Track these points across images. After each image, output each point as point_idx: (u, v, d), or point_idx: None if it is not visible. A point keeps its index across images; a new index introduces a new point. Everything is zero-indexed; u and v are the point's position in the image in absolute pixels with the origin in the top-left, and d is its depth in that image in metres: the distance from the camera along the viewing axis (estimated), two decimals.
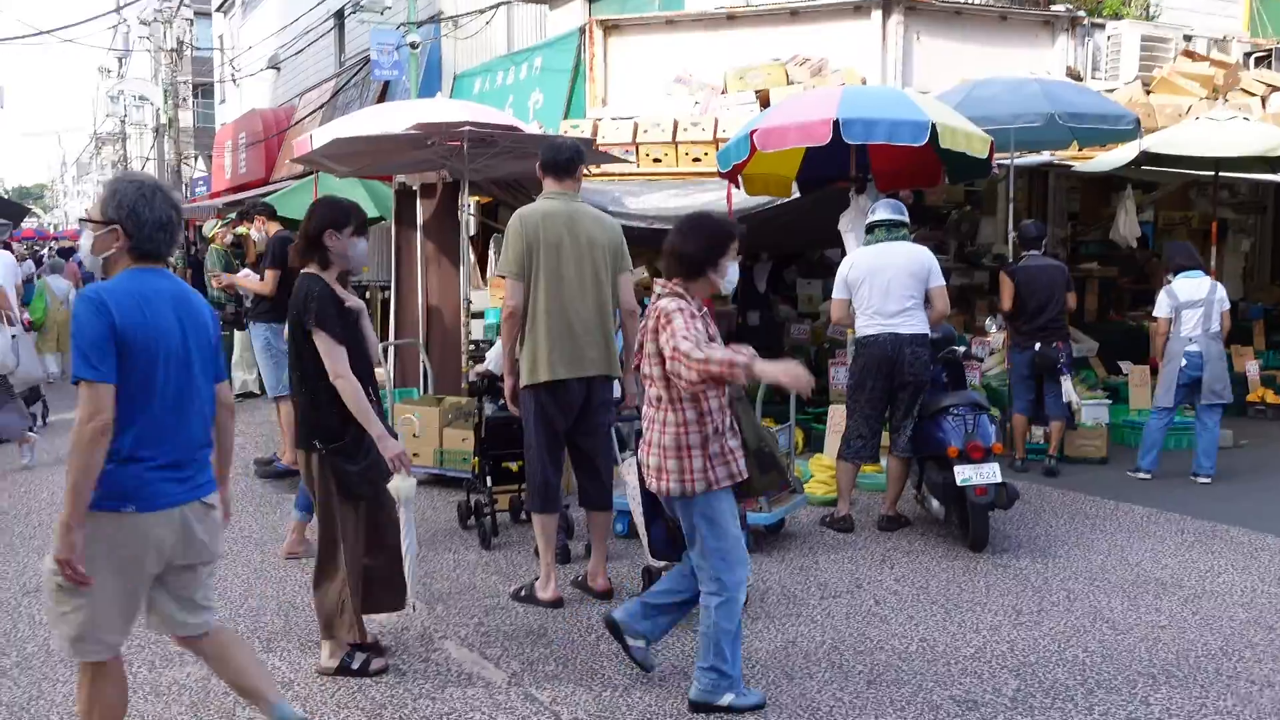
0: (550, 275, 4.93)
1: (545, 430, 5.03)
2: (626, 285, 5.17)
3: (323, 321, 4.10)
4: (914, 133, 6.85)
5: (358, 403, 4.08)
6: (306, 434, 4.24)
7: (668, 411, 3.85)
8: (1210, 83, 12.14)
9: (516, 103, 13.81)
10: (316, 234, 4.24)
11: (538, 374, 4.95)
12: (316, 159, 8.28)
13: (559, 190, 5.09)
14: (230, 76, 27.53)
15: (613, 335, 5.13)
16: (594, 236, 5.04)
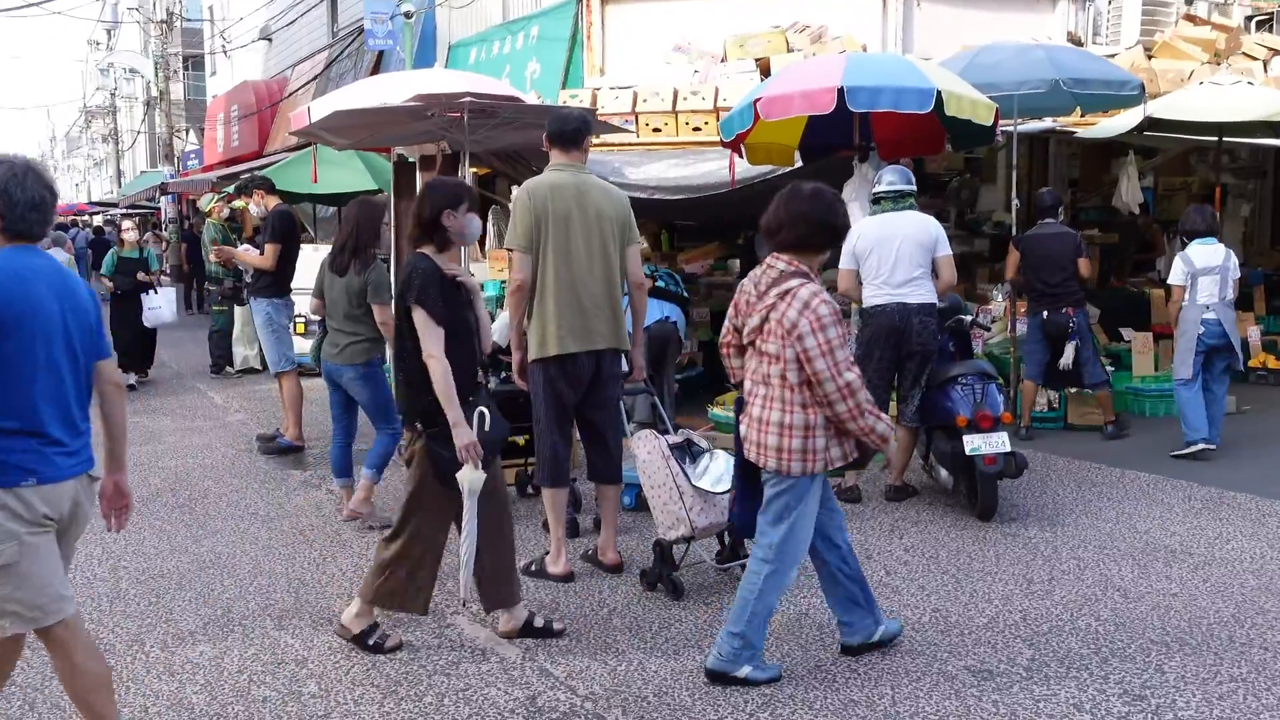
0: (559, 249, 4.89)
1: (554, 404, 5.01)
2: (634, 258, 5.13)
3: (423, 299, 4.05)
4: (919, 100, 6.79)
5: (444, 384, 4.03)
6: (408, 412, 4.24)
7: (793, 391, 3.82)
8: (1212, 47, 12.06)
9: (513, 73, 13.68)
10: (434, 215, 4.18)
11: (547, 348, 4.91)
12: (315, 132, 8.19)
13: (566, 162, 5.04)
14: (221, 48, 27.27)
15: (621, 308, 5.09)
16: (602, 209, 4.99)
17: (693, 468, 4.89)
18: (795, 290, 3.80)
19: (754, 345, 3.94)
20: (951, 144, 8.30)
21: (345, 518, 6.14)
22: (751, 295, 3.95)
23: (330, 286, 6.00)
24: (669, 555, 4.89)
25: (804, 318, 3.74)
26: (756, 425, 3.90)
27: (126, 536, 5.95)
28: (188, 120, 31.60)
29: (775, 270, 3.90)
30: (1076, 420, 8.49)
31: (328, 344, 6.08)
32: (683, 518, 4.78)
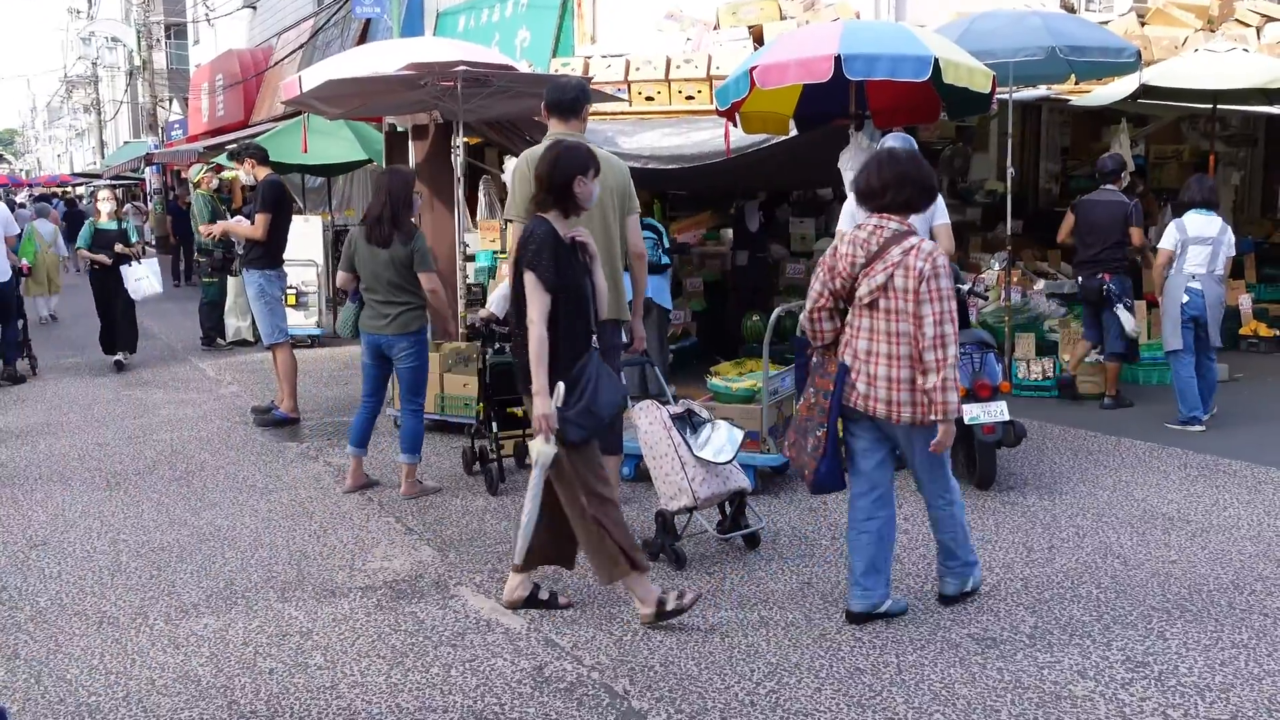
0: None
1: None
2: (634, 227, 5.11)
3: (535, 264, 4.00)
4: (917, 68, 6.74)
5: (538, 351, 3.99)
6: (525, 377, 4.13)
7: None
8: (1205, 13, 12.01)
9: (503, 41, 13.56)
10: (566, 181, 4.11)
11: None
12: (306, 101, 8.10)
13: (565, 131, 4.99)
14: (204, 16, 26.95)
15: (622, 278, 5.07)
16: (602, 178, 4.95)
17: (694, 438, 4.89)
18: (917, 245, 4.01)
19: (874, 305, 4.06)
20: (947, 112, 8.26)
21: (349, 488, 6.15)
22: (859, 257, 4.06)
23: (370, 258, 5.91)
24: (671, 525, 4.91)
25: (927, 264, 3.96)
26: (886, 384, 4.06)
27: (125, 509, 5.94)
28: (171, 90, 31.27)
29: (889, 230, 4.05)
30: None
31: (372, 316, 5.99)
32: (685, 488, 4.79)
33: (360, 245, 5.94)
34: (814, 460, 4.18)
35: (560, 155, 4.17)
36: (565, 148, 4.21)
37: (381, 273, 5.90)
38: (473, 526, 5.55)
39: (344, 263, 6.08)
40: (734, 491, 4.99)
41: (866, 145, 7.71)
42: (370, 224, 5.91)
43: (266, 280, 7.97)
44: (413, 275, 5.91)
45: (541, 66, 11.41)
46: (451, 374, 7.30)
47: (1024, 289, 9.89)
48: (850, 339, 4.17)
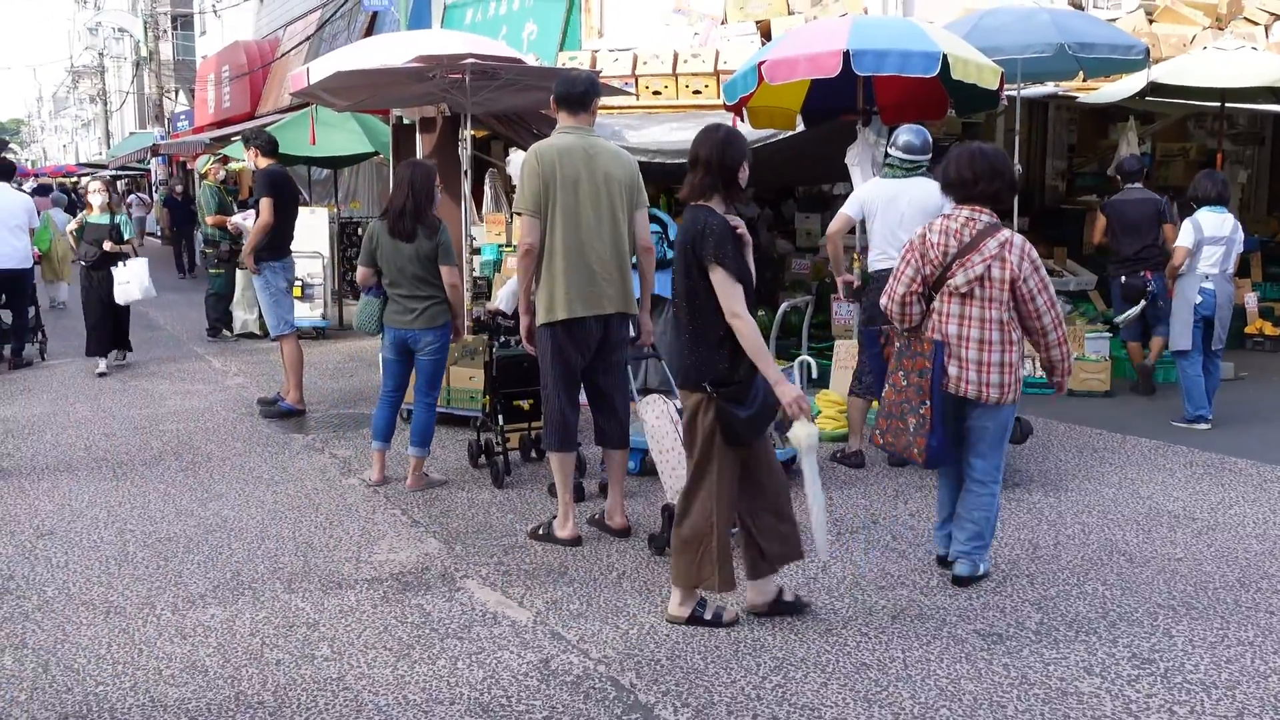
0: (567, 212, 4.86)
1: (562, 368, 5.00)
2: (643, 221, 5.11)
3: (722, 257, 3.86)
4: (925, 64, 6.74)
5: (755, 343, 3.88)
6: (696, 374, 4.00)
7: (1005, 331, 4.33)
8: (1213, 11, 11.99)
9: (510, 34, 13.55)
10: (735, 166, 3.99)
11: (555, 312, 4.90)
12: (315, 92, 8.12)
13: (574, 125, 5.00)
14: (211, 7, 26.95)
15: (630, 272, 5.07)
16: (611, 172, 4.96)
17: None
18: (1010, 239, 4.30)
19: (969, 294, 4.33)
20: (955, 108, 8.27)
21: (373, 482, 6.15)
22: (952, 246, 4.35)
23: (394, 253, 5.88)
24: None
25: (1026, 260, 4.29)
26: (977, 367, 4.36)
27: (131, 500, 5.96)
28: (177, 81, 31.28)
29: (981, 222, 4.33)
30: (1075, 385, 8.51)
31: (398, 311, 5.94)
32: None
33: (383, 239, 5.90)
34: (922, 437, 4.39)
35: (730, 139, 4.02)
36: (730, 131, 4.04)
37: (406, 267, 5.88)
38: (479, 519, 5.56)
39: (365, 257, 6.03)
40: None
41: (874, 141, 7.72)
42: (394, 218, 5.87)
43: (272, 272, 7.95)
44: (436, 269, 5.91)
45: (548, 60, 11.42)
46: (458, 367, 7.30)
47: None
48: (939, 324, 4.42)
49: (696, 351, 4.01)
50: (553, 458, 5.13)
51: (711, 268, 3.89)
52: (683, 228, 3.99)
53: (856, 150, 7.78)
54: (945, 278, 4.36)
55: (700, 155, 4.01)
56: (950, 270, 4.34)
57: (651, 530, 5.09)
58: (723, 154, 3.98)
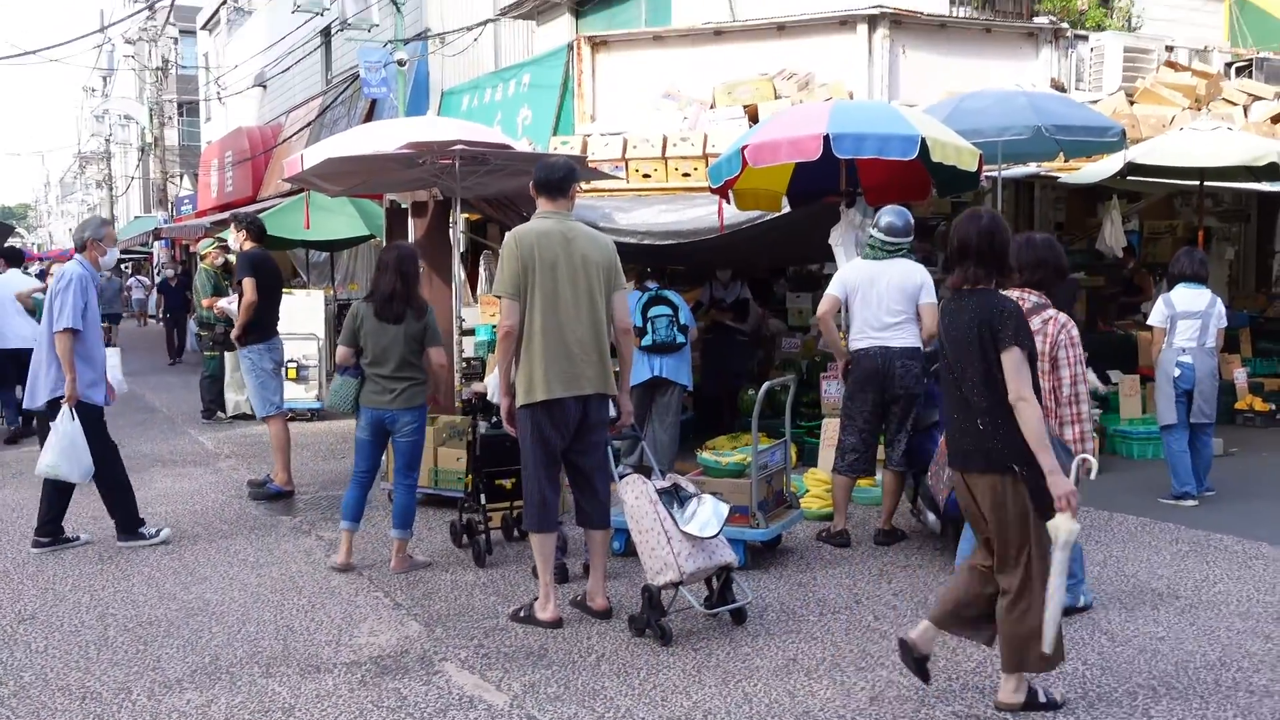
0: (546, 295, 4.94)
1: (542, 449, 5.03)
2: (621, 303, 5.19)
3: (1020, 339, 3.91)
4: (904, 147, 6.90)
5: (1038, 429, 3.85)
6: (1001, 456, 3.95)
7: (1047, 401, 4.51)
8: (1193, 93, 12.26)
9: (505, 119, 13.83)
10: (1004, 251, 4.09)
11: (534, 393, 4.95)
12: (308, 178, 8.28)
13: (553, 209, 5.10)
14: (216, 94, 27.51)
15: (608, 353, 5.13)
16: (589, 255, 5.05)
17: (680, 512, 4.91)
18: (1054, 316, 4.61)
19: None
20: (937, 189, 8.42)
21: (338, 566, 6.12)
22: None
23: (379, 334, 5.95)
24: (657, 601, 4.90)
25: (1064, 333, 4.57)
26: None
27: (115, 584, 5.95)
28: (182, 165, 31.81)
29: (1029, 302, 4.60)
30: None
31: (377, 391, 5.98)
32: (671, 563, 4.80)
33: (369, 320, 5.98)
34: (946, 490, 4.80)
35: (995, 226, 4.09)
36: (992, 217, 4.12)
37: (392, 348, 5.96)
38: (461, 601, 5.55)
39: (347, 338, 6.06)
40: (720, 566, 4.98)
41: (859, 222, 7.84)
42: (381, 300, 5.96)
43: (257, 354, 8.05)
44: (420, 350, 6.00)
45: (542, 144, 11.63)
46: (446, 448, 7.34)
47: None
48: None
49: (998, 434, 3.97)
50: (533, 538, 5.14)
51: (1008, 349, 3.91)
52: (972, 312, 4.00)
53: (840, 231, 7.91)
54: None
55: (969, 243, 4.06)
56: None
57: (632, 611, 5.07)
58: (991, 241, 4.05)
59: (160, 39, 27.50)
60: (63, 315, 6.43)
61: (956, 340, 4.04)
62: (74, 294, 6.46)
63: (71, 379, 6.45)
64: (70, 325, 6.42)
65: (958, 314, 4.04)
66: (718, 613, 5.10)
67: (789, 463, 6.57)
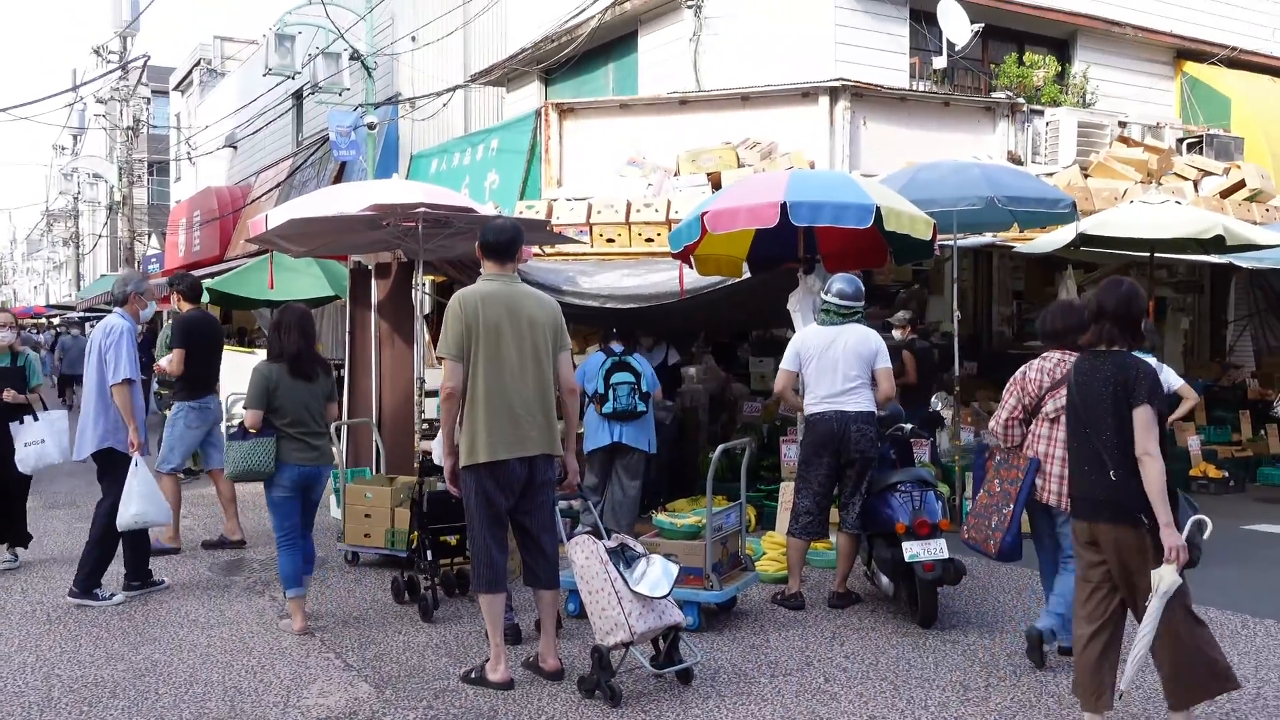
0: (489, 356, 5.00)
1: (487, 510, 5.04)
2: (566, 364, 5.26)
3: (1153, 399, 4.18)
4: (859, 215, 7.04)
5: (1159, 484, 4.09)
6: (1131, 505, 4.18)
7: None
8: (1145, 167, 12.60)
9: (473, 183, 14.00)
10: (1139, 317, 4.39)
11: (477, 455, 4.97)
12: (271, 238, 8.32)
13: (498, 272, 5.18)
14: (186, 154, 27.59)
15: (554, 414, 5.17)
16: (535, 317, 5.12)
17: (629, 572, 4.93)
18: None
19: (1056, 420, 5.20)
20: (894, 257, 8.58)
21: (299, 631, 6.03)
22: (1046, 381, 5.33)
23: (294, 393, 6.02)
24: (607, 661, 4.90)
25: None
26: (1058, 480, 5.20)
27: (62, 644, 5.87)
28: (150, 225, 31.75)
29: (1069, 363, 5.09)
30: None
31: (301, 449, 6.00)
32: (621, 623, 4.81)
33: (285, 381, 6.04)
34: (999, 533, 5.31)
35: (1133, 294, 4.38)
36: (1131, 286, 4.40)
37: (310, 404, 6.08)
38: (413, 662, 5.51)
39: (259, 400, 5.98)
40: (669, 626, 5.00)
41: (817, 289, 7.96)
42: (292, 359, 6.06)
43: (184, 411, 8.34)
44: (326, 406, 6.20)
45: (508, 208, 11.77)
46: (403, 508, 7.31)
47: (977, 429, 10.07)
48: (1032, 443, 5.37)
49: (1129, 486, 4.19)
50: (482, 600, 5.12)
51: (1140, 406, 4.16)
52: (1109, 371, 4.27)
53: (798, 297, 8.03)
54: (1039, 407, 5.33)
55: (1107, 307, 4.37)
56: (1043, 401, 5.32)
57: (581, 672, 5.06)
58: (1129, 307, 4.36)
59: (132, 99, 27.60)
60: (119, 367, 6.68)
61: (1091, 397, 4.32)
62: (126, 345, 6.74)
63: (134, 428, 6.69)
64: (128, 376, 6.68)
65: (1093, 373, 4.33)
66: (665, 673, 5.10)
67: (744, 525, 6.61)
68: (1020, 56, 14.24)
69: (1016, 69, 13.96)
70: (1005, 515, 5.31)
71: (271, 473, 5.98)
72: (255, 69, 20.83)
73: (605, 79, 15.06)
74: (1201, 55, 15.53)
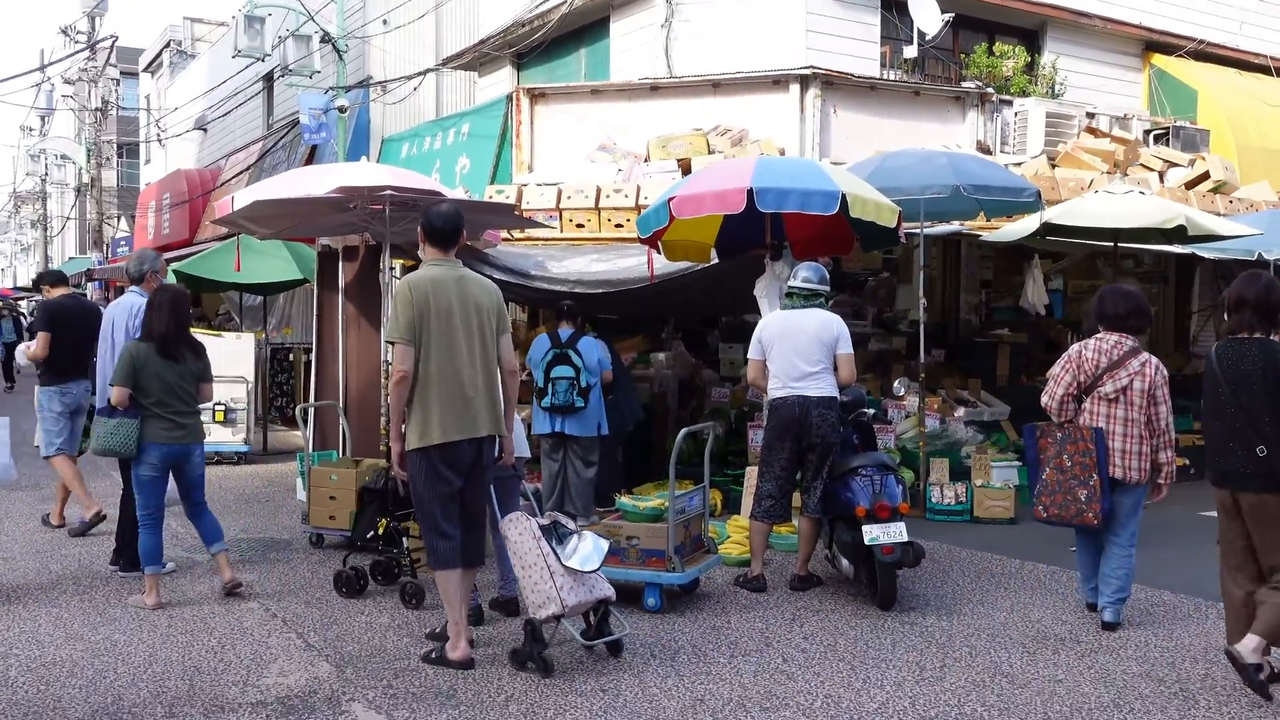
0: (441, 340, 5.05)
1: (438, 491, 5.09)
2: (507, 346, 5.34)
3: None
4: (825, 202, 7.08)
5: None
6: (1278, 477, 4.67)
7: (1142, 429, 5.63)
8: (1111, 158, 12.71)
9: (444, 167, 13.95)
10: (1277, 308, 4.79)
11: (430, 436, 5.01)
12: (237, 220, 8.27)
13: (441, 257, 5.22)
14: (156, 137, 27.33)
15: (499, 396, 5.25)
16: (480, 301, 5.19)
17: (561, 548, 5.07)
18: (1150, 359, 5.65)
19: (1115, 399, 5.62)
20: (861, 244, 8.63)
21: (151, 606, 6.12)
22: (1103, 361, 5.66)
23: (161, 373, 6.11)
24: (539, 633, 5.02)
25: (1159, 374, 5.64)
26: (1121, 455, 5.64)
27: (21, 624, 5.84)
28: (119, 207, 31.47)
29: (1127, 345, 5.66)
30: (981, 513, 8.72)
31: (168, 428, 6.11)
32: (553, 596, 4.94)
33: (153, 361, 6.11)
34: (1096, 503, 5.63)
35: (1272, 286, 4.81)
36: (1269, 279, 4.83)
37: (178, 384, 6.17)
38: (374, 642, 5.52)
39: (126, 379, 6.07)
40: (599, 600, 5.15)
41: (785, 275, 8.00)
42: (161, 340, 6.14)
43: (46, 396, 8.34)
44: (198, 386, 6.29)
45: (478, 193, 11.73)
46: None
47: (943, 416, 10.16)
48: (1088, 421, 5.68)
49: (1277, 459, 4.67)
50: (439, 577, 5.16)
51: None
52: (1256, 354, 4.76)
53: (765, 283, 8.07)
54: (1095, 386, 5.66)
55: (1248, 297, 4.82)
56: (1100, 380, 5.64)
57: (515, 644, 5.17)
58: (1267, 297, 4.80)
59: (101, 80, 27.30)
60: None
61: (1239, 378, 4.78)
62: None
63: None
64: None
65: (1240, 357, 4.80)
66: (595, 645, 5.22)
67: (708, 508, 6.65)
68: (990, 46, 14.31)
69: (986, 59, 14.03)
70: (1094, 486, 5.64)
71: (133, 453, 6.12)
72: (225, 51, 20.64)
73: (577, 64, 15.03)
74: (1169, 48, 15.65)
